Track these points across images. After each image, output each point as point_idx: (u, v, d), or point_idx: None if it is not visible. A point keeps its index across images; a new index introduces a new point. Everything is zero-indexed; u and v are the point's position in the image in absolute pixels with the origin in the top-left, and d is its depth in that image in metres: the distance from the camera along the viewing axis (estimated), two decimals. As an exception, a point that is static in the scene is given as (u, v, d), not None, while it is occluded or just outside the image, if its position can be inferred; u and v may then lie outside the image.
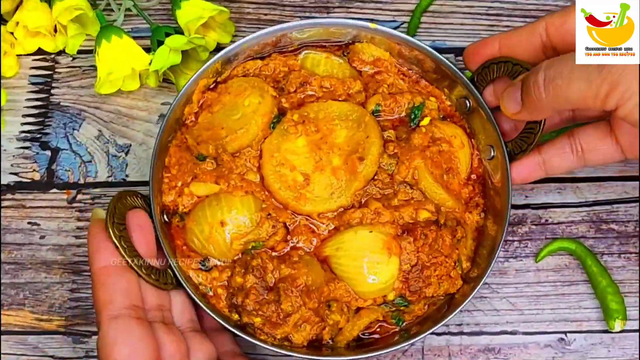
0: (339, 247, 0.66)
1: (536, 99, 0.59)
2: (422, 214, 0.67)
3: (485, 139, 0.70)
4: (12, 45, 0.79)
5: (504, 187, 0.67)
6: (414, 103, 0.71)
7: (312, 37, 0.72)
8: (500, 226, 0.67)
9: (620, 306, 0.71)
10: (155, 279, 0.62)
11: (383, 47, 0.72)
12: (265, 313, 0.64)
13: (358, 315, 0.66)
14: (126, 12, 0.79)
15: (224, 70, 0.71)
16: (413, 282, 0.66)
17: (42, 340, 0.72)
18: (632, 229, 0.75)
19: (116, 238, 0.60)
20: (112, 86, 0.77)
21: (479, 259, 0.68)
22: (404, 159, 0.68)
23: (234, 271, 0.66)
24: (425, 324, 0.66)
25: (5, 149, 0.78)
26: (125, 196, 0.64)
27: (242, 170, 0.68)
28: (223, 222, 0.65)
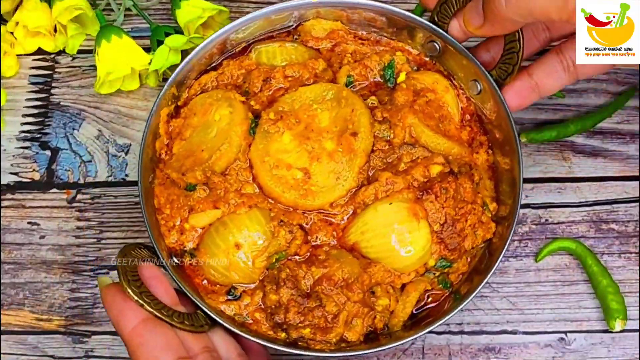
0: (364, 229, 0.63)
1: (497, 10, 0.57)
2: (434, 169, 0.64)
3: (466, 75, 0.68)
4: (12, 45, 0.80)
5: (501, 116, 0.65)
6: (384, 63, 0.68)
7: (255, 32, 0.69)
8: (512, 156, 0.64)
9: (621, 306, 0.70)
10: (190, 324, 0.58)
11: (331, 17, 0.70)
12: (312, 322, 0.60)
13: (405, 292, 0.63)
14: (126, 12, 0.80)
15: (181, 93, 0.68)
16: (449, 239, 0.63)
17: (41, 340, 0.72)
18: (632, 229, 0.75)
19: (137, 295, 0.56)
20: (112, 86, 0.77)
21: (502, 197, 0.66)
22: (395, 121, 0.65)
23: (265, 290, 0.62)
24: (474, 279, 0.64)
25: (5, 149, 0.78)
26: (129, 251, 0.60)
27: (238, 186, 0.64)
28: (238, 245, 0.62)
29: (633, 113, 0.78)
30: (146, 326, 0.55)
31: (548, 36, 0.67)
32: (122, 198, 0.76)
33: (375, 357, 0.71)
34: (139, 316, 0.56)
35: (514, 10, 0.57)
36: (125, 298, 0.56)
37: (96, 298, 0.73)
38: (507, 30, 0.61)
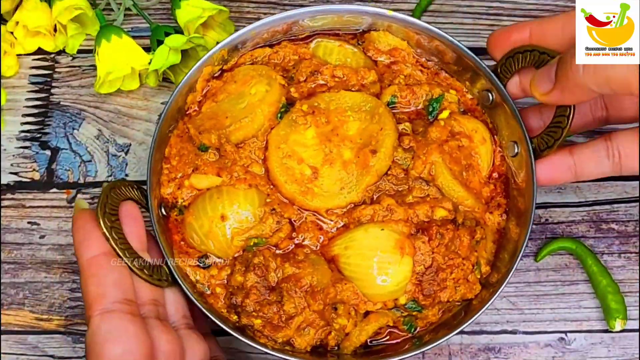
0: (348, 245, 0.62)
1: (572, 75, 0.54)
2: (438, 212, 0.63)
3: (509, 135, 0.66)
4: (12, 44, 0.79)
5: (528, 187, 0.63)
6: (432, 95, 0.67)
7: (325, 25, 0.69)
8: (523, 229, 0.62)
9: (621, 306, 0.71)
10: (149, 274, 0.58)
11: (400, 36, 0.69)
12: (266, 314, 0.60)
13: (367, 319, 0.62)
14: (126, 12, 0.80)
15: (231, 58, 0.68)
16: (427, 285, 0.61)
17: (41, 340, 0.72)
18: (632, 229, 0.75)
19: (107, 229, 0.56)
20: (112, 86, 0.77)
21: (499, 263, 0.64)
22: (420, 154, 0.64)
23: (234, 269, 0.62)
24: (440, 331, 0.62)
25: (5, 149, 0.78)
26: (120, 186, 0.60)
27: (246, 162, 0.64)
28: (224, 216, 0.62)
29: (633, 113, 0.78)
30: (106, 259, 0.56)
31: (604, 116, 0.65)
32: (122, 198, 0.76)
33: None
34: (102, 248, 0.56)
35: (590, 77, 0.53)
36: (95, 226, 0.56)
37: (96, 298, 0.73)
38: (578, 101, 0.58)
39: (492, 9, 0.82)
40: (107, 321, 0.53)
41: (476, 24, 0.81)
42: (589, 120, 0.65)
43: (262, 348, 0.59)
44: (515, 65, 0.63)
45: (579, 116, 0.61)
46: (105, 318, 0.54)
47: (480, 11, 0.82)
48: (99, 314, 0.54)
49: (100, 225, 0.56)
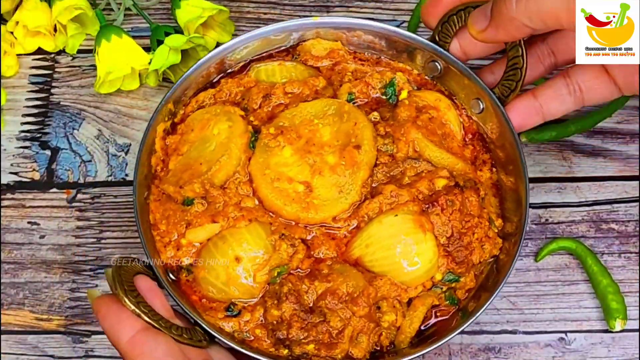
0: (368, 243, 0.61)
1: (506, 10, 0.56)
2: (439, 182, 0.63)
3: (467, 94, 0.67)
4: (12, 44, 0.80)
5: (504, 136, 0.65)
6: (385, 81, 0.68)
7: (254, 51, 0.69)
8: (517, 177, 0.64)
9: (621, 306, 0.70)
10: (189, 337, 0.56)
11: (331, 38, 0.70)
12: (316, 337, 0.58)
13: (412, 307, 0.61)
14: (126, 12, 0.80)
15: (178, 110, 0.67)
16: (456, 252, 0.61)
17: (41, 340, 0.72)
18: (632, 229, 0.75)
19: (134, 305, 0.54)
20: (112, 86, 0.77)
21: (507, 214, 0.65)
22: (398, 135, 0.64)
23: (267, 305, 0.60)
24: (481, 297, 0.62)
25: (5, 149, 0.78)
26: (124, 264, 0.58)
27: (237, 199, 0.63)
28: (238, 258, 0.60)
29: (633, 113, 0.78)
30: (147, 335, 0.54)
31: (553, 61, 0.66)
32: (122, 198, 0.76)
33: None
34: (137, 326, 0.54)
35: (522, 11, 0.55)
36: (121, 308, 0.54)
37: (96, 298, 0.73)
38: (511, 37, 0.60)
39: (492, 9, 0.81)
40: None
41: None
42: (540, 70, 0.66)
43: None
44: (452, 28, 0.64)
45: (529, 67, 0.63)
46: None
47: (480, 11, 0.82)
48: None
49: (127, 304, 0.54)
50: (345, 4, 0.82)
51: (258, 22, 0.82)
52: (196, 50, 0.76)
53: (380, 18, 0.81)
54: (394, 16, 0.82)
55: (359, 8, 0.82)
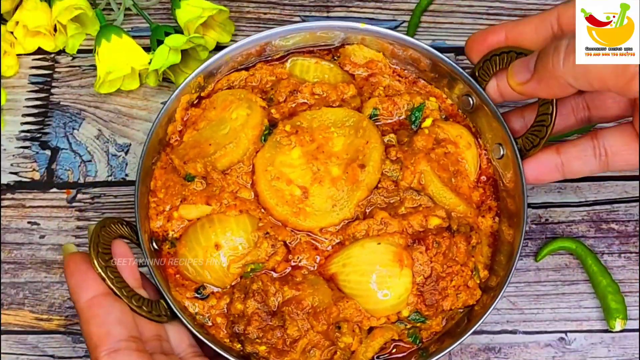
0: (346, 262, 0.61)
1: (552, 67, 0.54)
2: (432, 221, 0.63)
3: (493, 137, 0.66)
4: (12, 44, 0.80)
5: (517, 187, 0.63)
6: (413, 104, 0.67)
7: (298, 43, 0.69)
8: (517, 230, 0.63)
9: (621, 305, 0.71)
10: (148, 310, 0.58)
11: (375, 47, 0.69)
12: (270, 340, 0.60)
13: (371, 335, 0.61)
14: (126, 12, 0.80)
15: (207, 84, 0.68)
16: (428, 295, 0.61)
17: (41, 340, 0.72)
18: (632, 229, 0.75)
19: (102, 269, 0.56)
20: (112, 85, 0.77)
21: (496, 267, 0.64)
22: (408, 164, 0.64)
23: (233, 297, 0.61)
24: (445, 340, 0.62)
25: (5, 149, 0.78)
26: (109, 224, 0.59)
27: (235, 187, 0.64)
28: (218, 245, 0.61)
29: (633, 113, 0.78)
30: (105, 299, 0.55)
31: (586, 115, 0.65)
32: (122, 198, 0.76)
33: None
34: (99, 289, 0.55)
35: (569, 70, 0.54)
36: (88, 268, 0.56)
37: (96, 298, 0.73)
38: (553, 94, 0.59)
39: (493, 9, 0.82)
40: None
41: (476, 24, 0.81)
42: (571, 121, 0.65)
43: None
44: (492, 67, 0.63)
45: (561, 117, 0.62)
46: (113, 357, 0.53)
47: (481, 11, 0.82)
48: (106, 354, 0.53)
49: (95, 266, 0.56)
50: (346, 3, 0.82)
51: (258, 22, 0.82)
52: (196, 50, 0.76)
53: (380, 18, 0.81)
54: (393, 16, 0.82)
55: (359, 8, 0.82)
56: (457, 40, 0.80)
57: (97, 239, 0.57)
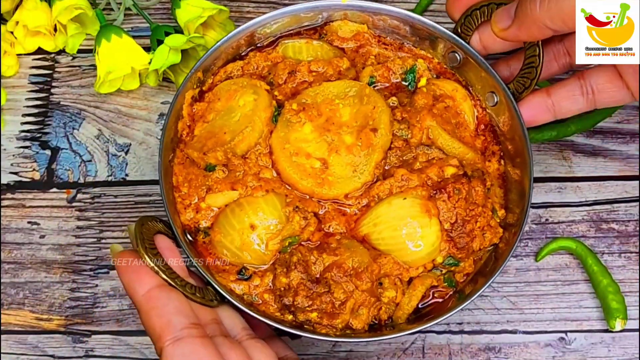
0: (376, 222, 0.65)
1: (530, 11, 0.58)
2: (448, 170, 0.66)
3: (483, 87, 0.70)
4: (12, 44, 0.80)
5: (515, 129, 0.67)
6: (406, 67, 0.71)
7: (283, 27, 0.72)
8: (523, 169, 0.67)
9: (621, 305, 0.71)
10: (201, 296, 0.60)
11: (358, 20, 0.73)
12: (319, 306, 0.62)
13: (412, 285, 0.65)
14: (126, 12, 0.80)
15: (207, 78, 0.70)
16: (458, 239, 0.65)
17: (41, 340, 0.73)
18: (632, 229, 0.75)
19: (154, 262, 0.58)
20: (112, 85, 0.78)
21: (511, 205, 0.68)
22: (414, 122, 0.67)
23: (276, 272, 0.64)
24: (478, 280, 0.66)
25: (5, 149, 0.78)
26: (146, 222, 0.62)
27: (256, 169, 0.66)
28: (253, 226, 0.64)
29: (633, 113, 0.79)
30: (161, 291, 0.57)
31: (568, 61, 0.68)
32: (122, 197, 0.76)
33: (376, 356, 0.71)
34: (153, 282, 0.57)
35: (545, 13, 0.58)
36: (140, 264, 0.58)
37: (96, 298, 0.73)
38: (533, 37, 0.62)
39: (492, 9, 0.82)
40: (181, 348, 0.54)
41: (476, 24, 0.81)
42: (554, 68, 0.69)
43: (326, 338, 0.61)
44: (474, 22, 0.67)
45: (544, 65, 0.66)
46: (177, 345, 0.54)
47: (481, 10, 0.82)
48: (171, 343, 0.54)
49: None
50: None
51: (258, 22, 0.82)
52: (196, 50, 0.76)
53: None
54: None
55: (359, 8, 0.82)
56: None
57: (141, 235, 0.59)
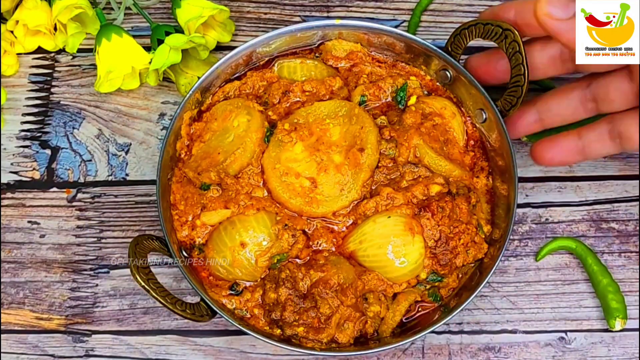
0: (362, 239, 0.67)
1: None
2: (433, 189, 0.69)
3: (474, 104, 0.72)
4: (12, 44, 0.81)
5: (504, 145, 0.69)
6: (396, 85, 0.73)
7: (280, 47, 0.75)
8: (510, 184, 0.69)
9: (621, 305, 0.71)
10: (191, 312, 0.64)
11: (352, 39, 0.75)
12: (306, 321, 0.65)
13: (396, 301, 0.68)
14: (126, 11, 0.81)
15: (205, 99, 0.73)
16: (441, 255, 0.67)
17: (42, 339, 0.73)
18: (632, 228, 0.75)
19: (144, 282, 0.62)
20: (112, 85, 0.78)
21: (497, 220, 0.71)
22: (402, 141, 0.70)
23: (265, 288, 0.67)
24: (462, 294, 0.68)
25: (5, 148, 0.78)
26: (141, 241, 0.65)
27: (248, 189, 0.69)
28: (243, 244, 0.67)
29: (633, 112, 0.78)
30: None
31: (594, 107, 0.69)
32: (122, 197, 0.77)
33: (376, 357, 0.71)
34: None
35: None
36: None
37: (96, 297, 0.73)
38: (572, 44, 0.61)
39: (492, 8, 0.82)
40: None
41: (476, 23, 0.82)
42: (580, 112, 0.69)
43: (311, 352, 0.65)
44: (463, 41, 0.70)
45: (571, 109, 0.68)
46: None
47: (481, 10, 0.82)
48: None
49: (138, 280, 0.62)
50: (346, 3, 0.83)
51: (258, 21, 0.82)
52: (197, 50, 0.77)
53: (380, 18, 0.82)
54: (394, 15, 0.83)
55: (359, 8, 0.83)
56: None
57: (134, 255, 0.63)
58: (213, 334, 0.73)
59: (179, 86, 0.78)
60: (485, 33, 0.66)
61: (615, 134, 0.67)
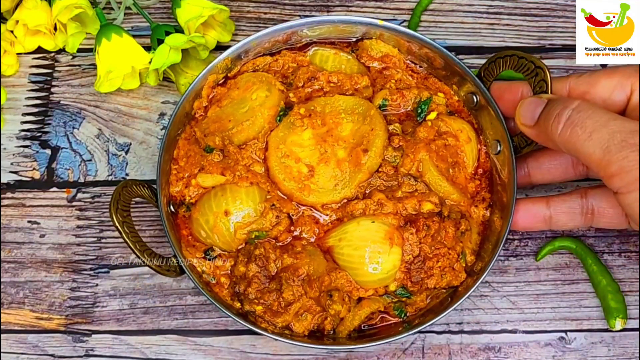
0: (342, 237, 0.68)
1: (550, 131, 0.59)
2: (425, 206, 0.69)
3: (493, 134, 0.72)
4: (12, 43, 0.81)
5: (510, 182, 0.69)
6: (420, 98, 0.73)
7: (322, 34, 0.75)
8: (505, 221, 0.68)
9: (621, 305, 0.71)
10: (158, 264, 0.65)
11: (392, 43, 0.75)
12: (266, 301, 0.66)
13: (359, 305, 0.68)
14: (126, 11, 0.81)
15: (234, 67, 0.74)
16: (415, 272, 0.67)
17: (42, 339, 0.73)
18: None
19: (119, 223, 0.63)
20: (112, 85, 0.78)
21: (483, 253, 0.70)
22: (409, 152, 0.70)
23: (237, 260, 0.68)
24: (428, 316, 0.68)
25: (5, 148, 0.79)
26: (132, 185, 0.67)
27: (248, 161, 0.70)
28: (227, 212, 0.68)
29: (633, 112, 0.78)
30: None
31: (585, 171, 0.69)
32: (122, 197, 0.76)
33: (376, 356, 0.71)
34: None
35: (564, 141, 0.58)
36: None
37: (96, 297, 0.73)
38: (547, 146, 0.63)
39: (493, 8, 0.83)
40: None
41: (476, 23, 0.82)
42: (570, 174, 0.70)
43: (263, 332, 0.65)
44: (497, 69, 0.69)
45: (562, 170, 0.69)
46: None
47: (481, 10, 0.83)
48: None
49: (113, 219, 0.63)
50: (346, 3, 0.83)
51: (258, 21, 0.83)
52: (197, 50, 0.77)
53: (380, 17, 0.82)
54: (394, 15, 0.83)
55: (359, 7, 0.83)
56: (458, 39, 0.81)
57: (118, 196, 0.65)
58: (213, 333, 0.73)
59: (179, 86, 0.78)
60: (519, 66, 0.66)
61: (588, 209, 0.67)
